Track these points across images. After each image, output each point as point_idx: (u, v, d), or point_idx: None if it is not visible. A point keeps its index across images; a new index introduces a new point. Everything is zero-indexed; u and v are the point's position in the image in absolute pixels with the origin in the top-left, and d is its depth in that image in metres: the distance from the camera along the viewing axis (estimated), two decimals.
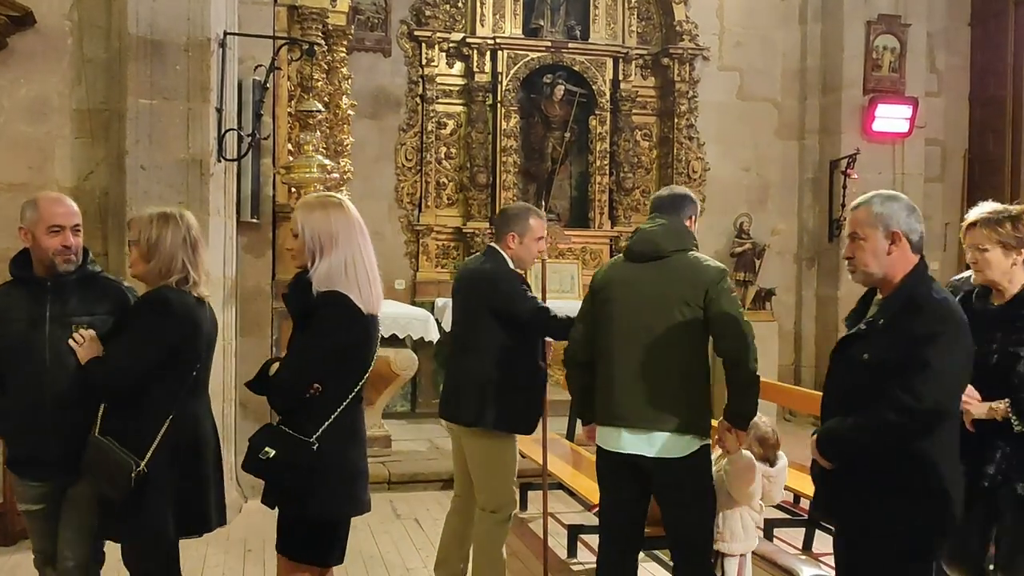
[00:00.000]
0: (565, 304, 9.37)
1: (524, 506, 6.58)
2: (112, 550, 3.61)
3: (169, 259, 3.35)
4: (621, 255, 3.89)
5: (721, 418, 3.71)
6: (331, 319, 3.11)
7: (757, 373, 3.58)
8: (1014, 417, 3.36)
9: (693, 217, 3.89)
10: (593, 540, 5.70)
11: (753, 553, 4.70)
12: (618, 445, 3.67)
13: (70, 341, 3.38)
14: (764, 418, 3.99)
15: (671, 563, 3.93)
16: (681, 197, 3.88)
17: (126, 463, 3.24)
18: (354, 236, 3.19)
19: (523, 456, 6.48)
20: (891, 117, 9.98)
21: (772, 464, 4.01)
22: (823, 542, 5.75)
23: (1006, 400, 3.39)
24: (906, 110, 9.97)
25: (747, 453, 3.80)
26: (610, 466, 3.78)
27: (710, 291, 3.55)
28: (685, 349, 3.59)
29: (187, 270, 3.38)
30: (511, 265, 4.41)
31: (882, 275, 3.01)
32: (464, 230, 9.76)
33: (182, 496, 3.37)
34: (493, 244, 4.51)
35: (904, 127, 10.02)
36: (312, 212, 3.20)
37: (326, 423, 3.14)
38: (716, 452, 3.85)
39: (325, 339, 3.11)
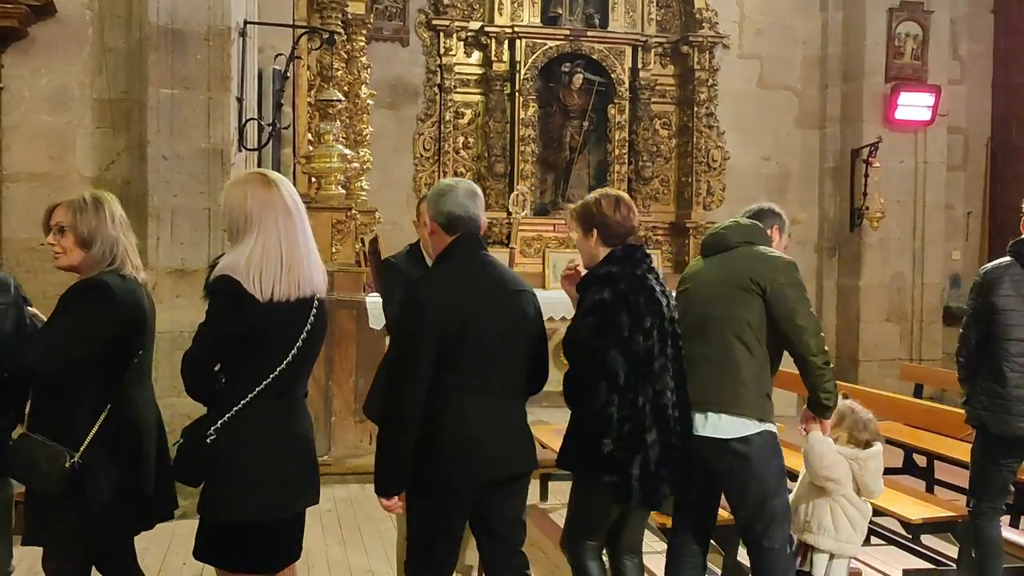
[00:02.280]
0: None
1: (545, 496, 6.56)
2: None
3: (111, 243, 3.22)
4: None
5: (804, 407, 3.78)
6: (214, 307, 2.94)
7: (825, 361, 3.56)
8: None
9: (778, 227, 3.89)
10: None
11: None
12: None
13: None
14: (855, 403, 3.99)
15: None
16: (768, 211, 3.91)
17: (59, 454, 3.06)
18: (271, 215, 2.94)
19: (543, 447, 6.48)
20: (913, 105, 9.90)
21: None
22: None
23: None
24: (928, 98, 9.89)
25: (816, 435, 3.77)
26: None
27: (773, 283, 3.52)
28: (744, 335, 3.56)
29: (126, 254, 3.24)
30: None
31: None
32: None
33: (122, 489, 3.18)
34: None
35: (926, 115, 9.94)
36: (232, 190, 3.03)
37: (227, 415, 2.93)
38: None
39: (211, 327, 2.94)
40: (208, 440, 2.92)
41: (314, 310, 3.05)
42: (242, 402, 2.95)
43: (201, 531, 3.07)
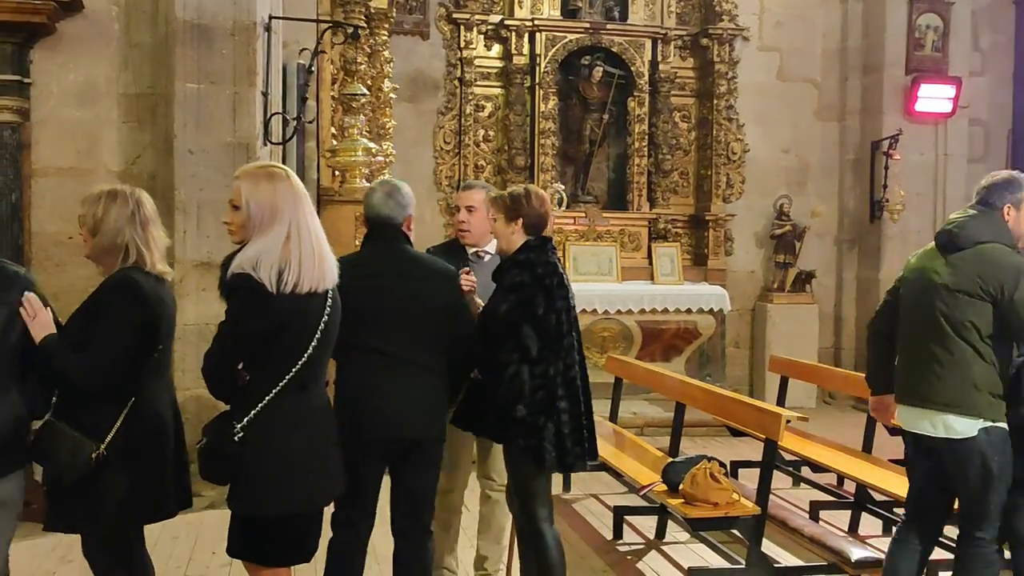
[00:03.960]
0: (599, 287, 9.45)
1: (568, 487, 6.61)
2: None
3: (113, 235, 3.24)
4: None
5: None
6: (237, 304, 2.99)
7: None
8: None
9: (1011, 204, 3.83)
10: (637, 521, 5.75)
11: (801, 534, 4.72)
12: (910, 424, 3.85)
13: (21, 311, 3.14)
14: None
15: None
16: (998, 185, 3.87)
17: (86, 444, 3.11)
18: (301, 209, 3.04)
19: None
20: (934, 97, 9.86)
21: None
22: (869, 524, 5.74)
23: None
24: (949, 90, 9.85)
25: None
26: (909, 445, 3.99)
27: (1006, 287, 3.65)
28: (974, 338, 3.70)
29: (136, 247, 3.25)
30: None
31: None
32: None
33: (141, 481, 3.23)
34: None
35: (947, 107, 9.91)
36: (259, 184, 3.05)
37: (253, 412, 2.99)
38: None
39: (233, 325, 3.00)
40: (236, 438, 2.98)
41: (330, 300, 3.14)
42: (267, 398, 3.00)
43: (234, 526, 3.14)
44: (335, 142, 6.60)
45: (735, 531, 4.93)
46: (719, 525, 4.58)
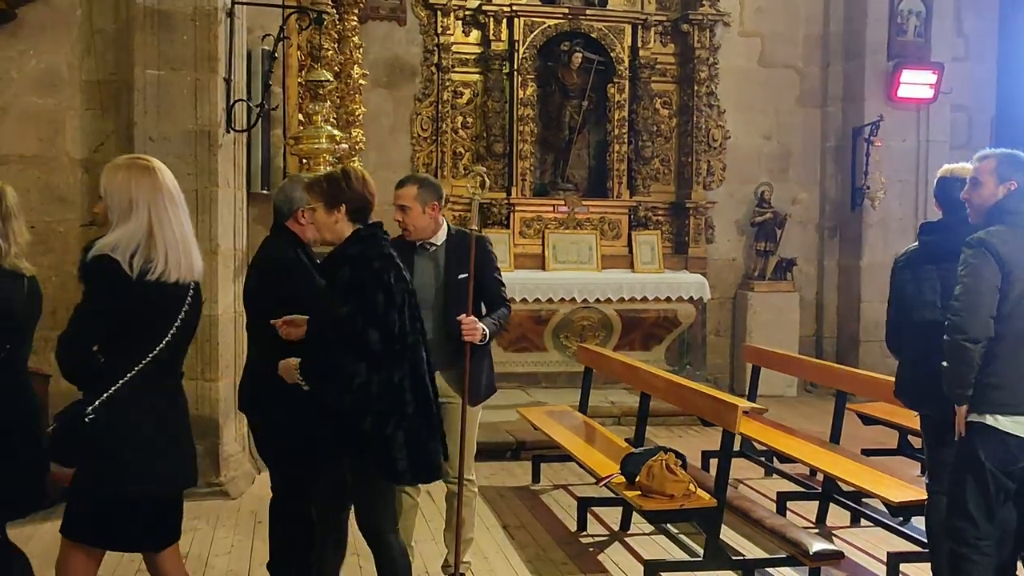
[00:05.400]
0: (579, 275, 9.40)
1: (537, 478, 6.56)
2: None
3: None
4: None
5: None
6: (94, 286, 3.05)
7: None
8: None
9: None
10: (602, 513, 5.70)
11: (762, 526, 4.67)
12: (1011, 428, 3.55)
13: None
14: None
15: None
16: None
17: None
18: (160, 201, 3.08)
19: (535, 428, 6.49)
20: (916, 83, 9.77)
21: None
22: (837, 516, 5.70)
23: None
24: (931, 76, 9.76)
25: None
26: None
27: None
28: None
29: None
30: None
31: None
32: (480, 200, 9.65)
33: None
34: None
35: (929, 93, 9.82)
36: (116, 175, 3.12)
37: (105, 395, 3.02)
38: None
39: (91, 306, 3.05)
40: (87, 419, 3.00)
41: (191, 293, 3.20)
42: (121, 381, 3.05)
43: (75, 507, 3.13)
44: (301, 129, 6.52)
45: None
46: (674, 517, 4.53)
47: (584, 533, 5.46)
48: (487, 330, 4.13)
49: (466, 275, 4.14)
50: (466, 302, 4.11)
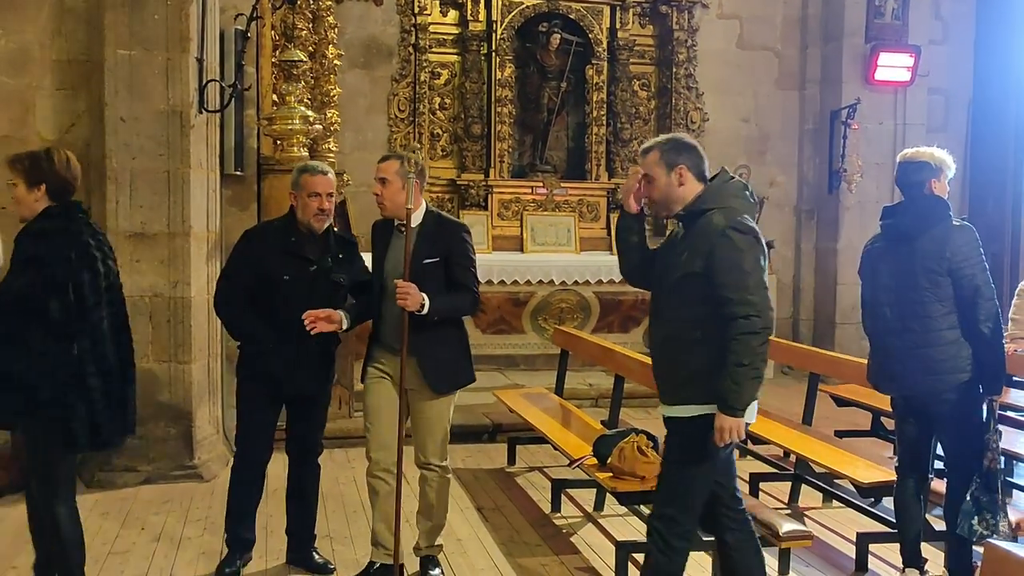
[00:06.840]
0: (557, 258, 9.40)
1: (513, 460, 6.57)
2: None
3: None
4: None
5: None
6: None
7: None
8: None
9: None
10: (577, 494, 5.71)
11: None
12: None
13: None
14: None
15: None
16: None
17: None
18: None
19: (511, 411, 6.49)
20: (893, 66, 9.79)
21: None
22: (809, 497, 5.74)
23: None
24: (908, 59, 9.78)
25: None
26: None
27: None
28: None
29: None
30: None
31: None
32: (458, 182, 9.65)
33: None
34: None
35: (906, 76, 9.84)
36: None
37: None
38: None
39: None
40: None
41: None
42: None
43: None
44: (274, 110, 6.47)
45: None
46: (645, 499, 4.53)
47: (558, 515, 5.47)
48: (427, 302, 4.00)
49: (434, 260, 4.10)
50: (432, 287, 4.06)
